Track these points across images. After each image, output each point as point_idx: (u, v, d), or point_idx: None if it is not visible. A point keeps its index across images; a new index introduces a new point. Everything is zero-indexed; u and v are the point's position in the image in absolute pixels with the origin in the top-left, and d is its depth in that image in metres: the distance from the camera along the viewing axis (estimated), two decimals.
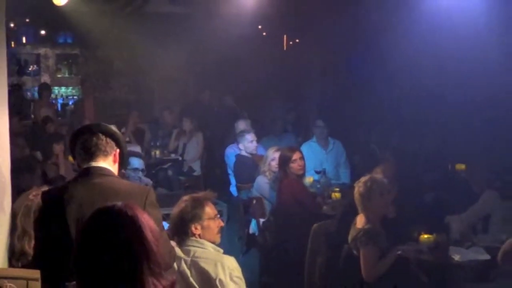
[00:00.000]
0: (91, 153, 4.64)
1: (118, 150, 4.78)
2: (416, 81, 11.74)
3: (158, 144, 13.99)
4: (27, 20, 16.75)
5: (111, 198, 4.27)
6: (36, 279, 4.30)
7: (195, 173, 13.17)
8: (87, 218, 3.28)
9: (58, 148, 10.63)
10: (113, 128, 4.90)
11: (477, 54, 10.52)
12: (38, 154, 11.01)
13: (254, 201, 9.89)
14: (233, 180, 11.46)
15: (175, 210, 5.77)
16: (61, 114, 17.30)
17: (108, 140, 4.70)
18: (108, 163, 4.69)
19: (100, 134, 4.68)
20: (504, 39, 9.65)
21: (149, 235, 3.18)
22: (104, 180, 4.59)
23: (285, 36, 18.43)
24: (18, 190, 6.12)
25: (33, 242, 5.36)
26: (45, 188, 5.62)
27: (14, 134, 6.39)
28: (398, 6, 10.34)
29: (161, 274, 3.22)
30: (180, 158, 13.30)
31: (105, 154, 4.68)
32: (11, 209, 5.66)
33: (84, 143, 4.67)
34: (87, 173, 4.61)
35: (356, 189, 7.24)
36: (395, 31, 11.57)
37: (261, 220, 9.70)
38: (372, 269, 6.92)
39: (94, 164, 4.63)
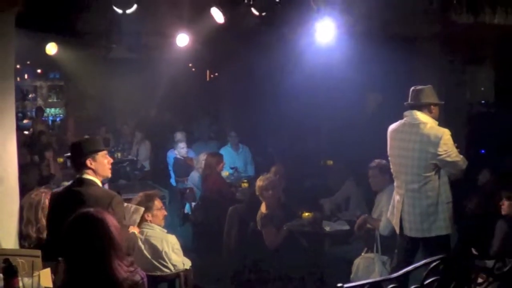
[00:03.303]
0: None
1: None
2: (299, 103, 11.82)
3: (119, 148, 13.83)
4: (28, 62, 16.77)
5: (91, 200, 4.49)
6: (38, 256, 4.34)
7: (145, 169, 13.05)
8: (70, 219, 3.30)
9: (49, 154, 10.52)
10: None
11: (337, 83, 10.71)
12: (36, 158, 10.84)
13: (188, 190, 9.93)
14: (172, 175, 11.44)
15: (133, 203, 5.77)
16: (52, 128, 17.16)
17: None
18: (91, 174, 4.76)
19: None
20: (354, 72, 9.83)
21: (114, 231, 3.27)
22: (88, 188, 4.67)
23: (207, 71, 18.48)
24: (24, 189, 6.06)
25: (34, 228, 5.54)
26: (43, 189, 5.89)
27: (19, 145, 6.28)
28: (288, 50, 10.40)
29: (124, 257, 3.34)
30: (135, 158, 13.18)
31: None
32: (19, 204, 5.67)
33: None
34: (79, 182, 4.72)
35: (256, 186, 7.42)
36: (286, 68, 11.69)
37: (193, 203, 9.74)
38: (272, 242, 7.20)
39: (83, 176, 4.73)
